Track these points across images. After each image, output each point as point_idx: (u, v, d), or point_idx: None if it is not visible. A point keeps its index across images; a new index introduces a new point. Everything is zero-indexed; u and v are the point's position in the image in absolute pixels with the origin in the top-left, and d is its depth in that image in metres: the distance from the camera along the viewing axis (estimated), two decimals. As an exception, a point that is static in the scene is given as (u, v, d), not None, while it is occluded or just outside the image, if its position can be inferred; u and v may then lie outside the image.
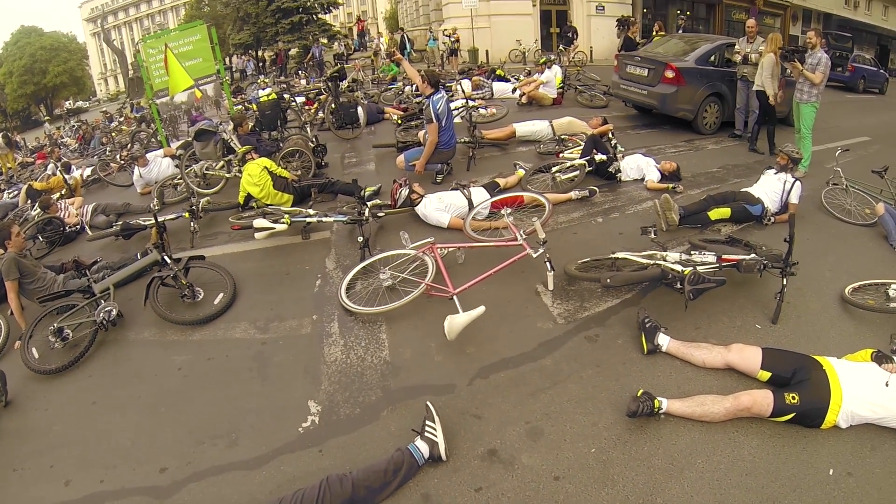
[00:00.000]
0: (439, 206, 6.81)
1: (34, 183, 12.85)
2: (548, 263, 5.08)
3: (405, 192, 6.81)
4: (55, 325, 5.96)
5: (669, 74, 10.43)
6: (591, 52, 24.42)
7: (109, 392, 5.26)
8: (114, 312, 5.96)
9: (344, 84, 13.94)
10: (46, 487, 4.38)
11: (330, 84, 12.25)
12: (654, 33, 17.90)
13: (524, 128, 9.94)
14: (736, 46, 10.42)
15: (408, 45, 24.09)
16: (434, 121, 8.00)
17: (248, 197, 7.87)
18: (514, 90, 13.92)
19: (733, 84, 10.52)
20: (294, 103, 13.19)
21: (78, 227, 9.69)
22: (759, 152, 9.56)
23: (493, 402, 4.13)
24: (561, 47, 22.56)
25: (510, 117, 11.31)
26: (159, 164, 11.28)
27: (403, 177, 7.24)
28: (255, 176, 7.67)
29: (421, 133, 9.43)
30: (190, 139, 10.35)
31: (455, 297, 4.83)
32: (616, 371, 4.32)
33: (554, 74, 13.24)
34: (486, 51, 24.91)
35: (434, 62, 24.10)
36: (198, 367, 5.22)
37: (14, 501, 4.40)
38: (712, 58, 10.85)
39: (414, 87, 14.04)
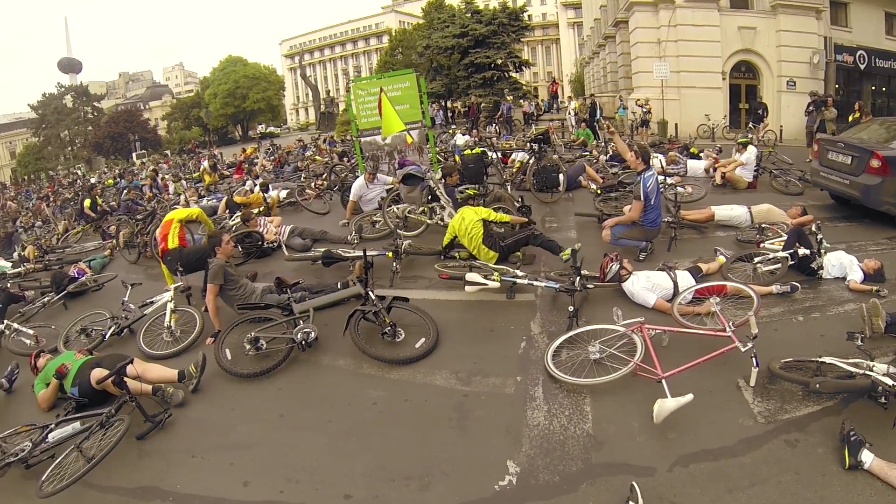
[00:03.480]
0: (646, 286, 6.77)
1: (235, 196, 13.83)
2: (754, 359, 4.96)
3: (616, 266, 6.79)
4: (252, 333, 6.43)
5: (875, 164, 9.46)
6: (781, 131, 22.82)
7: (299, 409, 5.59)
8: (313, 335, 6.38)
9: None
10: (223, 482, 4.78)
11: (534, 145, 12.48)
12: (855, 112, 16.76)
13: (723, 212, 9.60)
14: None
15: (598, 112, 23.92)
16: (641, 199, 7.99)
17: (453, 241, 8.11)
18: (712, 169, 13.52)
19: (947, 177, 9.28)
20: (495, 159, 13.56)
21: (274, 244, 10.31)
22: None
23: (691, 493, 4.03)
24: (750, 124, 21.62)
25: (705, 199, 11.08)
26: (380, 189, 11.71)
27: (615, 251, 7.25)
28: (469, 224, 7.86)
29: (626, 208, 9.41)
30: (398, 181, 10.84)
31: (664, 381, 4.79)
32: (815, 482, 4.07)
33: (753, 156, 12.82)
34: (676, 124, 24.23)
35: (623, 132, 23.80)
36: (394, 406, 5.43)
37: (188, 484, 4.78)
38: (923, 145, 9.71)
39: (609, 156, 14.03)
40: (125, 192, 22.55)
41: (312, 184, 16.49)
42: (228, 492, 4.59)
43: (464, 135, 20.68)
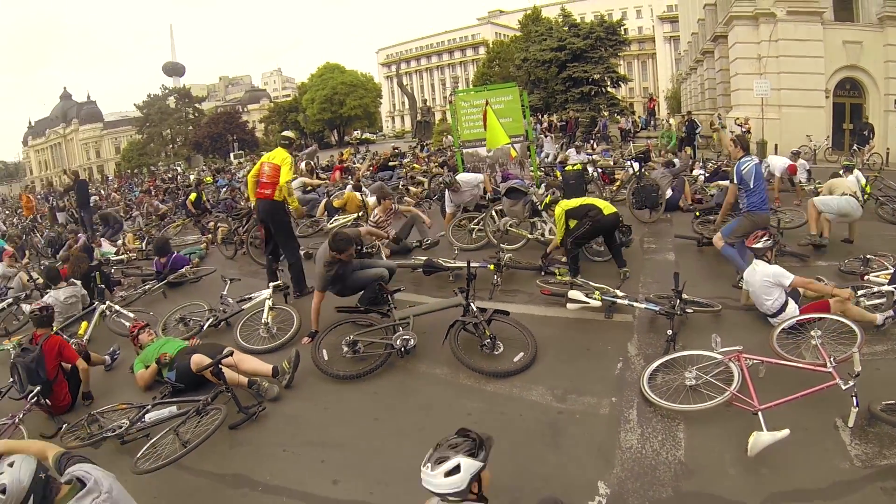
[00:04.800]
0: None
1: (334, 200, 14.16)
2: (854, 398, 4.73)
3: (768, 242, 6.73)
4: (351, 336, 6.56)
5: None
6: (888, 154, 20.79)
7: (393, 414, 5.67)
8: (412, 342, 6.45)
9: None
10: (312, 478, 4.88)
11: (634, 163, 12.33)
12: None
13: (822, 200, 9.38)
14: None
15: (696, 130, 23.00)
16: (735, 181, 7.86)
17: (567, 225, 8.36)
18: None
19: None
20: (596, 176, 13.47)
21: (374, 249, 10.39)
22: None
23: (780, 533, 3.91)
24: (854, 147, 20.41)
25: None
26: (473, 188, 11.71)
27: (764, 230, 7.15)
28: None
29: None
30: (500, 194, 10.89)
31: (760, 413, 4.67)
32: (909, 535, 3.87)
33: (856, 180, 12.17)
34: (776, 144, 22.42)
35: (720, 151, 22.48)
36: (489, 418, 5.44)
37: (278, 476, 4.95)
38: None
39: (707, 176, 13.66)
40: (224, 190, 23.31)
41: (412, 191, 16.76)
42: (317, 488, 4.74)
43: (569, 150, 20.48)
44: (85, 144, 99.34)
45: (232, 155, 63.08)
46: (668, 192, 12.59)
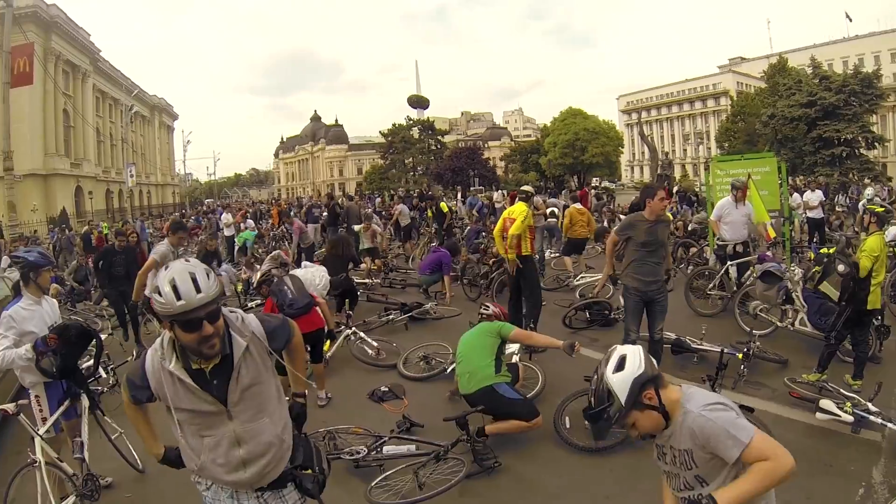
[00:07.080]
0: None
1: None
2: None
3: None
4: None
5: None
6: None
7: (625, 495, 5.51)
8: None
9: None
10: None
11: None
12: None
13: None
14: None
15: None
16: None
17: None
18: None
19: None
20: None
21: (620, 314, 9.99)
22: None
23: None
24: None
25: None
26: (744, 228, 11.00)
27: None
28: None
29: None
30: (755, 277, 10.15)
31: None
32: None
33: None
34: None
35: None
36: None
37: None
38: None
39: None
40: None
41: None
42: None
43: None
44: (329, 162, 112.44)
45: (472, 189, 64.14)
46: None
